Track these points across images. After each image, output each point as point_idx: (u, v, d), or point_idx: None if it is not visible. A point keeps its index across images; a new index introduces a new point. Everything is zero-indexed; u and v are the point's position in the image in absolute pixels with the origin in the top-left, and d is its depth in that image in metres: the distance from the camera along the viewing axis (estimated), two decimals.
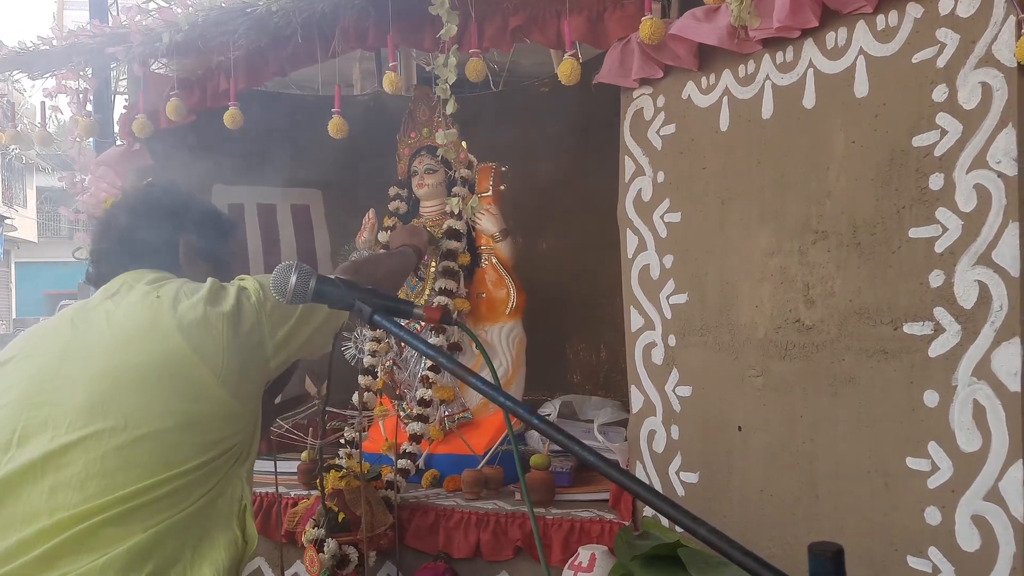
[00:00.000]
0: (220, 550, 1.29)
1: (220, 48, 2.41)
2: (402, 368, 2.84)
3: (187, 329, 1.30)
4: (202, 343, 1.30)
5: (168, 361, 1.28)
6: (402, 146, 2.99)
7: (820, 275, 1.64)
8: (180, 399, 1.27)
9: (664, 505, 0.96)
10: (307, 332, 1.45)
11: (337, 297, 1.35)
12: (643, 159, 2.07)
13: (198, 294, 1.36)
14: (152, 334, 1.30)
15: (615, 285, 3.23)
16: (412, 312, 1.40)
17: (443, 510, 2.41)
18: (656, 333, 2.04)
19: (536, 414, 1.15)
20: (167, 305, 1.33)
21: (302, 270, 1.32)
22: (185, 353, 1.28)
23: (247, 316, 1.36)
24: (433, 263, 2.78)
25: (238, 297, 1.38)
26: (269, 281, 1.37)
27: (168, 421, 1.25)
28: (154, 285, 1.39)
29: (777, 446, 1.72)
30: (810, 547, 0.85)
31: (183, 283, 1.40)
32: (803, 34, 1.69)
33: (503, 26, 2.24)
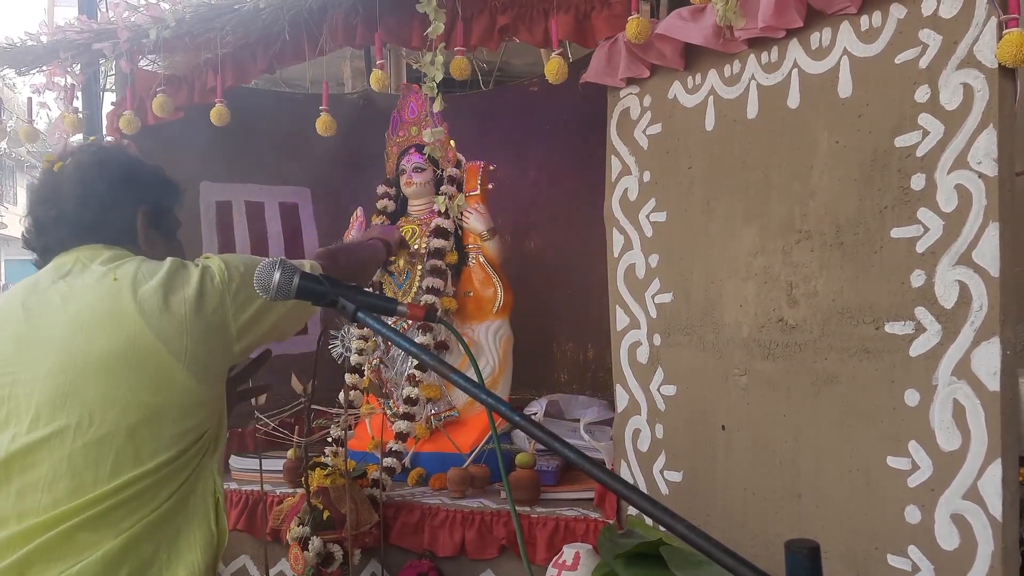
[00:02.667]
0: (196, 550, 1.25)
1: (208, 44, 2.40)
2: (388, 366, 2.83)
3: (148, 313, 1.22)
4: (164, 327, 1.22)
5: (130, 348, 1.20)
6: (390, 144, 2.99)
7: (803, 275, 1.65)
8: (145, 389, 1.21)
9: (645, 503, 0.96)
10: (273, 318, 1.39)
11: (321, 294, 1.34)
12: (629, 159, 2.08)
13: (158, 275, 1.27)
14: (112, 320, 1.21)
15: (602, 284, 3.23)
16: (396, 309, 1.40)
17: (428, 508, 2.41)
18: (641, 332, 2.04)
19: (520, 413, 1.15)
20: (126, 288, 1.24)
21: (286, 267, 1.31)
22: (147, 339, 1.20)
23: (210, 298, 1.29)
24: (402, 260, 2.77)
25: (201, 277, 1.30)
26: (236, 261, 1.34)
27: (135, 414, 1.19)
28: (111, 265, 1.29)
29: (760, 445, 1.73)
30: (787, 544, 0.85)
31: (141, 262, 1.30)
32: (788, 34, 1.70)
33: (490, 25, 2.24)
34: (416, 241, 2.84)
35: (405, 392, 2.70)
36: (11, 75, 2.76)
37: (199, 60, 2.64)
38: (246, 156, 3.19)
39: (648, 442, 2.01)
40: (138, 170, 1.43)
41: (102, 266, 1.29)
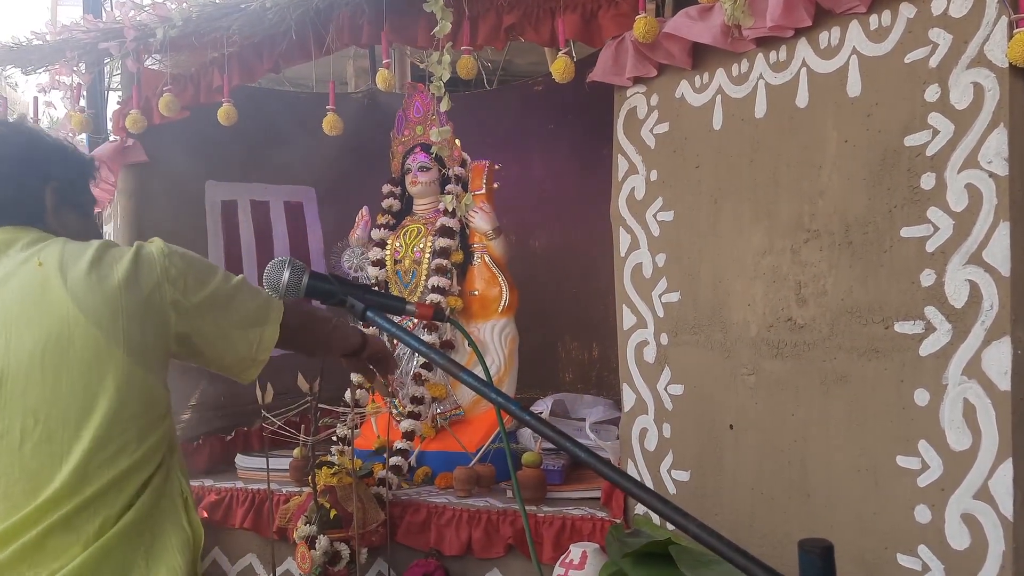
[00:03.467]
0: (174, 553, 1.21)
1: (214, 44, 2.40)
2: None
3: (80, 298, 1.13)
4: (98, 312, 1.13)
5: (65, 339, 1.11)
6: (396, 143, 2.99)
7: (812, 274, 1.65)
8: (86, 380, 1.12)
9: (655, 501, 0.96)
10: (225, 322, 1.30)
11: (330, 293, 1.35)
12: (636, 157, 2.08)
13: (86, 256, 1.18)
14: (42, 310, 1.12)
15: (608, 284, 3.23)
16: (405, 308, 1.40)
17: (435, 507, 2.41)
18: (648, 331, 2.04)
19: (528, 411, 1.15)
20: (53, 272, 1.15)
21: (295, 266, 1.31)
22: (82, 326, 1.12)
23: (146, 276, 1.20)
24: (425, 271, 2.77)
25: (135, 255, 1.21)
26: (178, 248, 1.26)
27: (79, 408, 1.12)
28: (33, 250, 1.19)
29: (768, 445, 1.73)
30: (800, 543, 0.85)
31: (64, 244, 1.21)
32: (796, 33, 1.69)
33: (497, 24, 2.24)
34: (421, 240, 2.84)
35: (411, 391, 2.70)
36: (15, 75, 2.77)
37: (205, 59, 2.65)
38: (251, 155, 3.20)
39: (655, 441, 2.01)
40: (42, 144, 1.33)
41: (23, 251, 1.19)
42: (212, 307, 1.28)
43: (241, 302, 1.33)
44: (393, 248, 2.88)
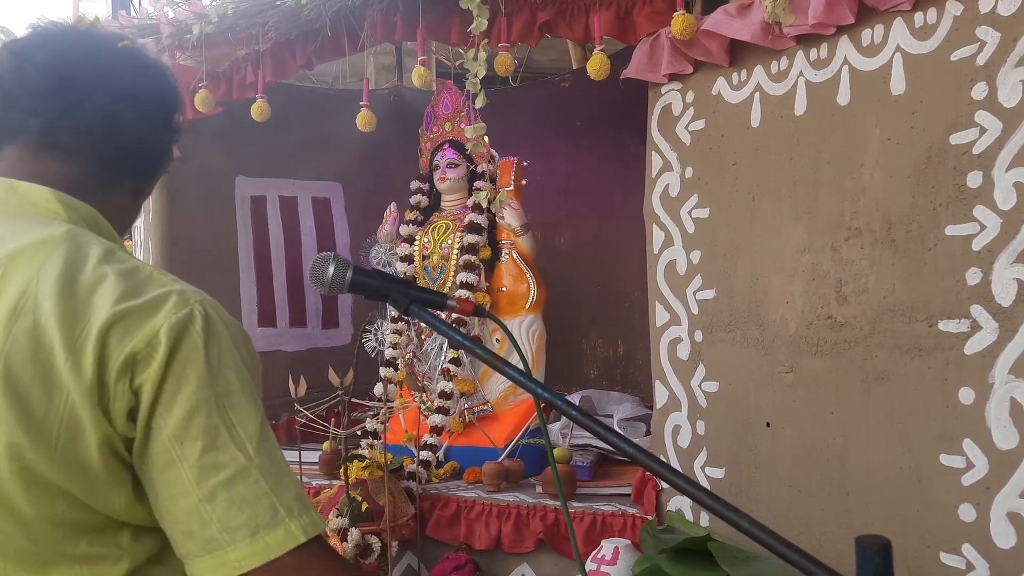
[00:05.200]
0: None
1: (249, 40, 2.42)
2: (422, 361, 2.85)
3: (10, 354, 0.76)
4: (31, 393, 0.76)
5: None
6: (424, 140, 3.00)
7: (853, 272, 1.65)
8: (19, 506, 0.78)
9: (711, 501, 0.96)
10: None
11: (374, 288, 1.36)
12: (671, 154, 2.08)
13: (70, 283, 0.79)
14: None
15: (633, 280, 3.26)
16: (446, 304, 1.41)
17: (464, 501, 2.43)
18: (682, 328, 2.04)
19: (573, 405, 1.16)
20: (2, 312, 0.77)
21: (339, 261, 1.32)
22: (4, 419, 0.76)
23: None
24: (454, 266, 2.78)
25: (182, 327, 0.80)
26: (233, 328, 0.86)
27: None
28: (10, 247, 0.81)
29: (807, 442, 1.73)
30: (858, 540, 0.85)
31: (53, 248, 0.81)
32: (838, 31, 1.69)
33: (531, 21, 2.24)
34: (449, 236, 2.85)
35: (439, 386, 2.72)
36: None
37: (235, 56, 2.67)
38: (280, 151, 3.22)
39: (689, 438, 2.01)
40: (128, 62, 0.97)
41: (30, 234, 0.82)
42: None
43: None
44: (421, 244, 2.89)
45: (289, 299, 3.23)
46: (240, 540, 0.78)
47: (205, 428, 0.79)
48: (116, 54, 0.95)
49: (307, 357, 3.21)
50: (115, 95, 0.92)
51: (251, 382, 0.85)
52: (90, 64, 0.93)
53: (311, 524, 0.82)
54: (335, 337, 3.39)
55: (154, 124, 0.96)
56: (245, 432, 0.81)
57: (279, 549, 0.79)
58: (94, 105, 0.91)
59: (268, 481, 0.80)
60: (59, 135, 0.90)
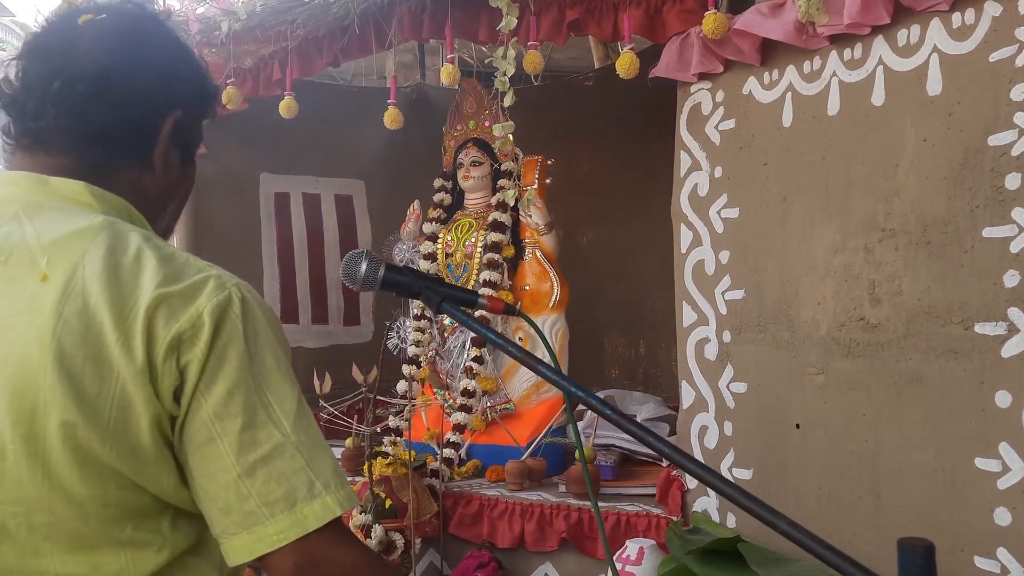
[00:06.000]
0: None
1: (276, 37, 2.43)
2: (445, 359, 2.85)
3: (65, 353, 0.77)
4: (85, 383, 0.78)
5: (41, 424, 0.77)
6: (448, 138, 3.01)
7: (887, 273, 1.64)
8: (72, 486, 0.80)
9: (750, 503, 0.95)
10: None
11: (405, 285, 1.36)
12: (700, 154, 2.07)
13: (119, 272, 0.81)
14: (17, 371, 0.77)
15: (656, 280, 3.25)
16: (477, 302, 1.41)
17: (487, 500, 2.43)
18: (710, 329, 2.03)
19: (608, 404, 1.15)
20: (50, 300, 0.79)
21: (372, 258, 1.33)
22: (61, 407, 0.77)
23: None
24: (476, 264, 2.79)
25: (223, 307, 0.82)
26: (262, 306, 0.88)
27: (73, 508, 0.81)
28: (56, 236, 0.82)
29: (837, 444, 1.72)
30: (900, 542, 0.85)
31: (107, 240, 0.82)
32: (873, 31, 1.68)
33: (559, 19, 2.24)
34: (472, 234, 2.85)
35: (462, 384, 2.72)
36: None
37: (261, 52, 2.68)
38: (304, 148, 3.24)
39: (716, 439, 2.01)
40: (185, 57, 0.99)
41: (37, 236, 0.82)
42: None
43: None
44: (444, 242, 2.90)
45: (312, 296, 3.25)
46: (279, 513, 0.80)
47: (244, 406, 0.81)
48: (80, 35, 0.91)
49: (329, 354, 3.23)
50: (74, 80, 0.89)
51: (286, 361, 0.87)
52: (56, 50, 0.91)
53: (347, 498, 0.84)
54: (356, 334, 3.41)
55: (135, 103, 0.92)
56: (282, 409, 0.83)
57: (316, 522, 0.81)
58: (57, 95, 0.89)
59: (304, 456, 0.82)
60: (39, 133, 0.91)
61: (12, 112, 0.92)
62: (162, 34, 0.97)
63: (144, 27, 0.96)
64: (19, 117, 0.91)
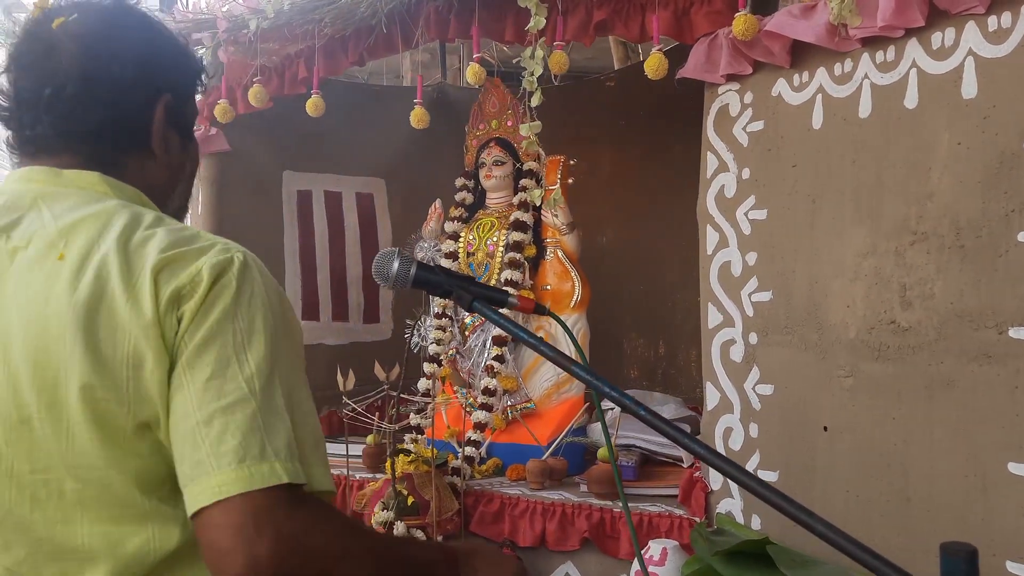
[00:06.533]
0: None
1: (303, 36, 2.44)
2: (465, 357, 2.86)
3: (83, 323, 0.80)
4: (106, 353, 0.80)
5: (64, 392, 0.80)
6: (470, 137, 3.02)
7: (919, 277, 1.63)
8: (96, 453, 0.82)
9: (789, 505, 0.95)
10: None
11: (436, 284, 1.37)
12: (727, 155, 2.07)
13: (137, 264, 0.82)
14: (38, 339, 0.81)
15: (676, 280, 3.25)
16: (507, 301, 1.42)
17: (508, 498, 2.44)
18: (736, 330, 2.03)
19: (642, 405, 1.15)
20: (65, 277, 0.82)
21: (404, 257, 1.34)
22: (77, 373, 0.80)
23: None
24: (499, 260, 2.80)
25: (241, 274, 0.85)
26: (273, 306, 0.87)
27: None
28: (65, 222, 0.85)
29: (866, 448, 1.71)
30: (943, 547, 0.84)
31: (113, 216, 0.86)
32: (906, 33, 1.67)
33: (586, 20, 2.24)
34: (494, 234, 2.86)
35: (483, 383, 2.73)
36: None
37: (285, 51, 2.69)
38: (326, 146, 3.25)
39: (741, 441, 2.01)
40: (164, 41, 0.99)
41: (55, 220, 0.86)
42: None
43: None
44: (466, 241, 2.90)
45: (332, 293, 3.26)
46: (226, 467, 0.77)
47: (218, 357, 0.81)
48: (57, 39, 0.92)
49: (349, 351, 3.24)
50: (61, 86, 0.90)
51: (279, 332, 0.86)
52: (39, 59, 0.93)
53: (295, 473, 0.80)
54: (376, 332, 3.42)
55: (124, 97, 0.93)
56: (256, 370, 0.82)
57: (262, 482, 0.77)
58: (48, 102, 0.91)
59: (264, 419, 0.80)
60: (38, 140, 0.94)
61: (11, 125, 0.95)
62: (136, 22, 0.98)
63: (116, 19, 0.96)
64: (17, 129, 0.94)
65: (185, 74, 1.02)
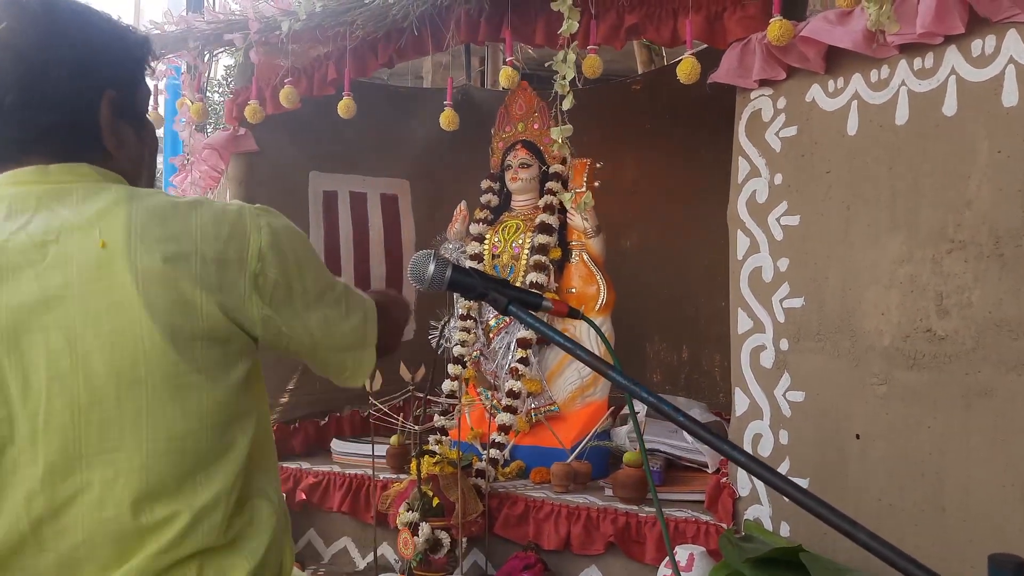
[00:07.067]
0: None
1: (335, 38, 2.45)
2: (489, 359, 2.87)
3: (154, 303, 0.84)
4: (174, 325, 0.85)
5: (141, 365, 0.84)
6: (496, 140, 3.02)
7: (956, 285, 1.62)
8: (173, 421, 0.87)
9: (830, 513, 0.94)
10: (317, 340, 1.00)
11: (471, 287, 1.37)
12: (759, 160, 2.06)
13: (161, 229, 0.86)
14: (112, 320, 0.83)
15: (699, 285, 3.24)
16: (542, 304, 1.42)
17: (533, 501, 2.44)
18: (766, 336, 2.03)
19: (680, 411, 1.15)
20: (119, 257, 0.84)
21: (440, 259, 1.34)
22: (159, 347, 0.84)
23: (233, 274, 0.90)
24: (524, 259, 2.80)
25: (230, 237, 0.90)
26: (293, 239, 0.97)
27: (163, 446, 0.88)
28: (90, 212, 0.87)
29: (900, 456, 1.70)
30: (991, 558, 0.84)
31: (130, 202, 0.88)
32: (945, 40, 1.66)
33: (618, 23, 2.25)
34: (519, 236, 2.86)
35: (508, 385, 2.73)
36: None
37: (314, 53, 2.71)
38: (352, 147, 3.26)
39: (770, 447, 2.00)
40: (100, 36, 0.95)
41: (75, 212, 0.87)
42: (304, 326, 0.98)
43: (340, 320, 1.04)
44: (491, 243, 2.91)
45: None
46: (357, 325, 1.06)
47: (302, 289, 0.97)
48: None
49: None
50: (2, 95, 0.89)
51: (310, 245, 1.02)
52: None
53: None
54: None
55: (65, 101, 0.91)
56: (325, 278, 1.02)
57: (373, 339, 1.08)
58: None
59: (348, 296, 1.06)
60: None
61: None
62: (68, 20, 0.93)
63: (48, 22, 0.91)
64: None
65: (126, 65, 0.98)
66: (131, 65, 0.99)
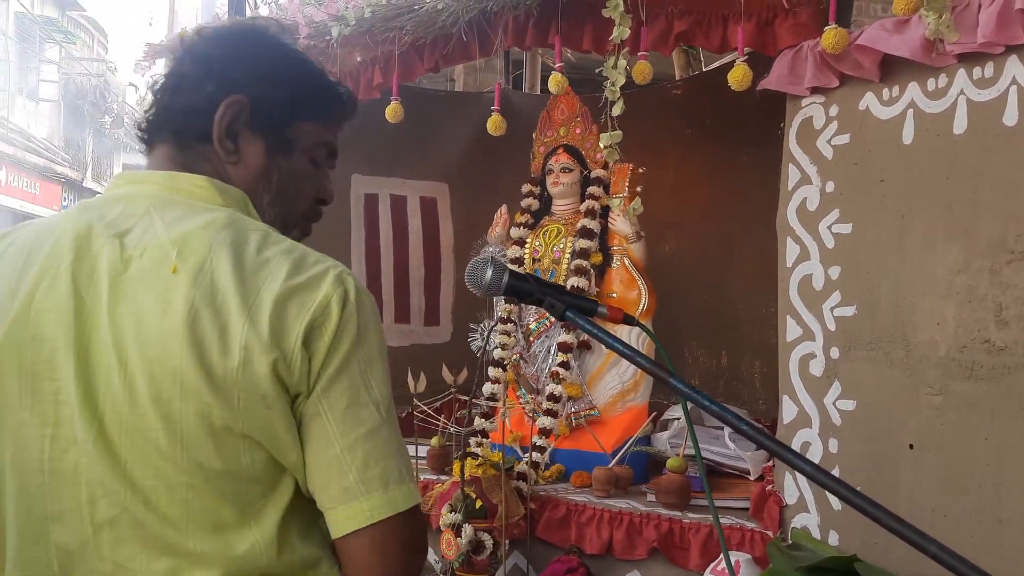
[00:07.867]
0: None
1: (384, 43, 2.48)
2: (529, 363, 2.88)
3: (202, 345, 0.82)
4: (222, 375, 0.82)
5: (175, 407, 0.83)
6: (538, 144, 3.04)
7: (1016, 296, 1.61)
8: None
9: (897, 524, 0.94)
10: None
11: (527, 292, 1.38)
12: (810, 168, 2.06)
13: (247, 264, 0.85)
14: (158, 356, 0.82)
15: (739, 291, 3.23)
16: (597, 310, 1.43)
17: (575, 505, 2.45)
18: (816, 344, 2.02)
19: (744, 419, 1.15)
20: (182, 291, 0.83)
21: (497, 264, 1.35)
22: (196, 392, 0.82)
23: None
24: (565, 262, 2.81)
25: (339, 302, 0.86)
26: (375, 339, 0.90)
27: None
28: (178, 232, 0.87)
29: (955, 467, 1.69)
30: None
31: (225, 229, 0.88)
32: (1007, 50, 1.65)
33: (667, 30, 2.25)
34: (560, 240, 2.87)
35: (548, 389, 2.74)
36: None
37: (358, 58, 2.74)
38: (392, 151, 3.29)
39: (819, 456, 1.99)
40: (253, 42, 0.99)
41: (167, 230, 0.87)
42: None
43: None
44: (532, 247, 2.92)
45: (395, 295, 3.31)
46: (374, 491, 0.85)
47: (350, 386, 0.86)
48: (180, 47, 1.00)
49: (410, 353, 3.28)
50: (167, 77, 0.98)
51: (385, 351, 0.91)
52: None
53: (417, 491, 0.90)
54: (435, 335, 3.46)
55: (193, 90, 0.97)
56: (380, 394, 0.88)
57: (404, 504, 0.86)
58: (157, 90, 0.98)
59: (395, 443, 0.88)
60: (148, 130, 1.00)
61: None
62: (240, 30, 1.01)
63: (231, 29, 1.01)
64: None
65: (280, 87, 0.99)
66: (275, 84, 0.98)
